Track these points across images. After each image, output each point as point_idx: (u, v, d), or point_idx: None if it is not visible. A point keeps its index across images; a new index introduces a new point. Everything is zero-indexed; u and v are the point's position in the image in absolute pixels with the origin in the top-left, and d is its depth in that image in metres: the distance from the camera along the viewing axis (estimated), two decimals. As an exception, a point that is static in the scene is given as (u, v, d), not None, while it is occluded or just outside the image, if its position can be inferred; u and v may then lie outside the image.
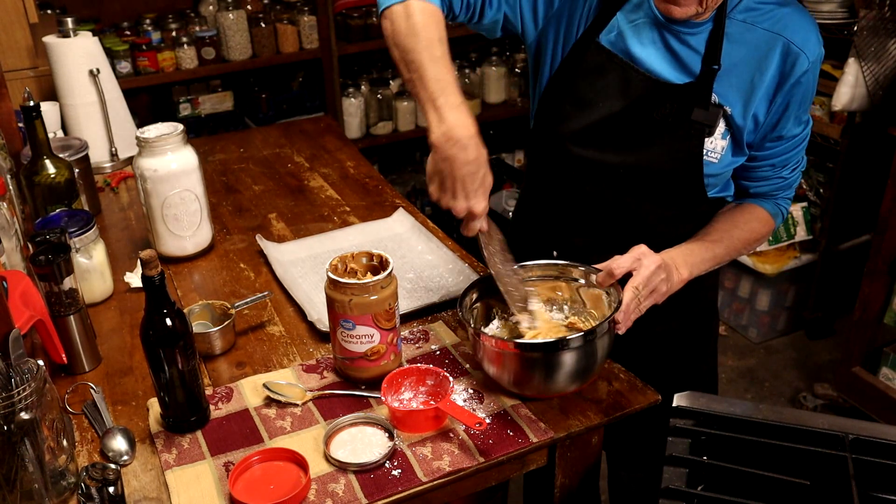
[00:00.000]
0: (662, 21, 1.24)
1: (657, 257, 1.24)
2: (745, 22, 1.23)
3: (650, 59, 1.26)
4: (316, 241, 1.72)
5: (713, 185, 1.33)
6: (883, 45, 2.50)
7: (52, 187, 1.62)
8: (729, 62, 1.23)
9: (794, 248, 3.01)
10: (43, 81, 2.36)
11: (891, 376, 2.54)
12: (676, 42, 1.25)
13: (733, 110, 1.26)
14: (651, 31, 1.26)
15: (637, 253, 1.24)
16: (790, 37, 1.22)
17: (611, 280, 1.23)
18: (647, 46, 1.26)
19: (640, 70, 1.26)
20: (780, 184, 1.38)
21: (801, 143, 1.34)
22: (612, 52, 1.28)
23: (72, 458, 1.08)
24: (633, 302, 1.20)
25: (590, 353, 1.18)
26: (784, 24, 1.23)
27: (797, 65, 1.23)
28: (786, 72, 1.23)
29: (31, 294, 1.22)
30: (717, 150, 1.28)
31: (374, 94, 3.53)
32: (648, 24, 1.26)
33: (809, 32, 1.24)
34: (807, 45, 1.23)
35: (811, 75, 1.25)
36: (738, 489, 0.99)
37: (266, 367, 1.33)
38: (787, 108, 1.27)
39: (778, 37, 1.22)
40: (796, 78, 1.24)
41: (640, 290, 1.21)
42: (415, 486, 1.08)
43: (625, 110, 1.28)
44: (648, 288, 1.22)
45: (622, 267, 1.22)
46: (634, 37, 1.27)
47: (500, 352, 1.17)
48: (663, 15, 1.22)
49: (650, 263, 1.22)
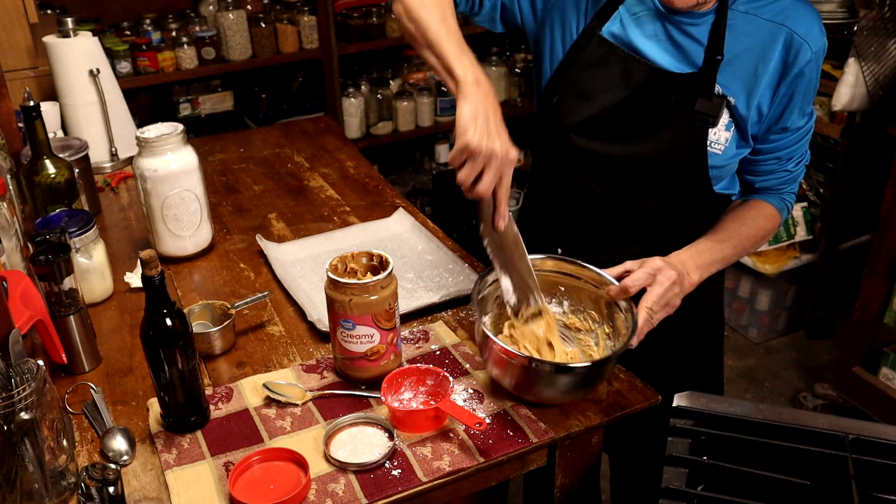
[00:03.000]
0: (664, 13, 1.24)
1: (672, 272, 1.22)
2: (748, 13, 1.23)
3: (653, 50, 1.26)
4: (316, 241, 1.72)
5: (718, 177, 1.32)
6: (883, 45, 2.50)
7: (52, 187, 1.62)
8: (732, 53, 1.23)
9: (794, 248, 3.01)
10: (43, 81, 2.36)
11: (891, 376, 2.54)
12: (679, 33, 1.25)
13: (737, 101, 1.26)
14: (654, 23, 1.26)
15: (652, 268, 1.22)
16: (793, 27, 1.22)
17: (624, 296, 1.22)
18: (649, 38, 1.27)
19: (643, 61, 1.26)
20: (786, 177, 1.38)
21: (805, 135, 1.34)
22: (615, 44, 1.28)
23: (72, 458, 1.08)
24: (647, 322, 1.20)
25: (597, 374, 1.18)
26: (787, 14, 1.23)
27: (800, 55, 1.23)
28: (789, 62, 1.23)
29: (31, 294, 1.22)
30: (720, 141, 1.28)
31: (374, 94, 3.53)
32: (651, 15, 1.26)
33: (812, 23, 1.24)
34: (810, 35, 1.23)
35: (814, 66, 1.25)
36: (738, 489, 0.99)
37: (266, 367, 1.33)
38: (792, 99, 1.27)
39: (781, 27, 1.22)
40: (799, 68, 1.24)
41: (654, 311, 1.20)
42: (415, 486, 1.08)
43: (627, 101, 1.28)
44: (661, 304, 1.21)
45: (637, 284, 1.21)
46: (637, 29, 1.27)
47: (507, 359, 1.16)
48: (664, 5, 1.23)
49: (665, 280, 1.21)
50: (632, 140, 1.30)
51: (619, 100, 1.29)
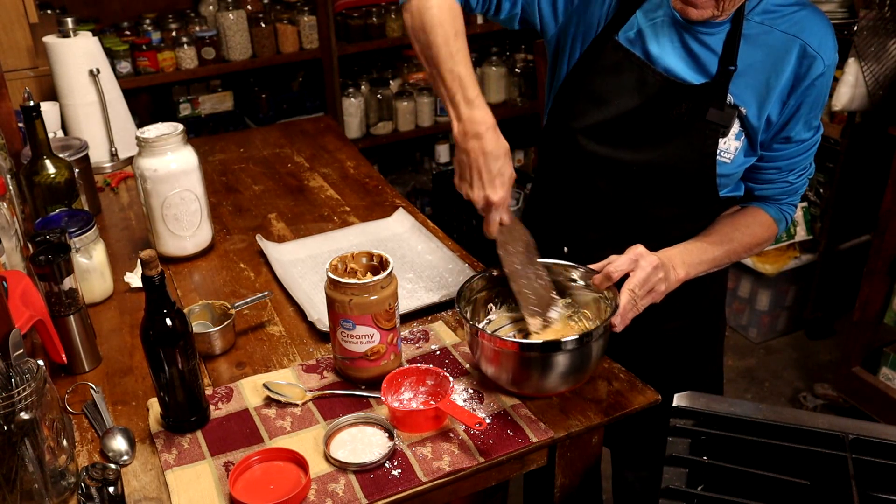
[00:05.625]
0: (681, 21, 1.24)
1: (654, 257, 1.23)
2: (763, 24, 1.23)
3: (667, 58, 1.26)
4: (316, 241, 1.72)
5: (725, 184, 1.33)
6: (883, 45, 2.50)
7: (52, 187, 1.62)
8: (745, 63, 1.23)
9: (794, 248, 3.01)
10: (43, 81, 2.36)
11: (891, 376, 2.54)
12: (694, 42, 1.25)
13: (748, 111, 1.26)
14: (670, 31, 1.26)
15: (634, 254, 1.24)
16: (807, 39, 1.22)
17: (608, 283, 1.23)
18: (664, 46, 1.27)
19: (657, 69, 1.27)
20: (786, 188, 1.37)
21: (809, 148, 1.33)
22: (630, 50, 1.28)
23: (72, 458, 1.08)
24: (630, 304, 1.20)
25: (585, 355, 1.18)
26: (802, 26, 1.22)
27: (813, 67, 1.23)
28: (801, 74, 1.23)
29: (31, 294, 1.22)
30: (730, 150, 1.28)
31: (374, 94, 3.53)
32: (668, 23, 1.26)
33: (826, 36, 1.23)
34: (823, 48, 1.23)
35: (825, 79, 1.25)
36: (738, 489, 0.99)
37: (266, 367, 1.33)
38: (798, 111, 1.27)
39: (795, 39, 1.22)
40: (811, 81, 1.24)
41: (636, 293, 1.21)
42: (415, 486, 1.08)
43: (639, 108, 1.28)
44: (645, 288, 1.22)
45: (619, 270, 1.22)
46: (653, 35, 1.27)
47: (497, 350, 1.17)
48: (681, 16, 1.23)
49: (647, 265, 1.22)
50: (641, 147, 1.30)
51: (632, 107, 1.29)
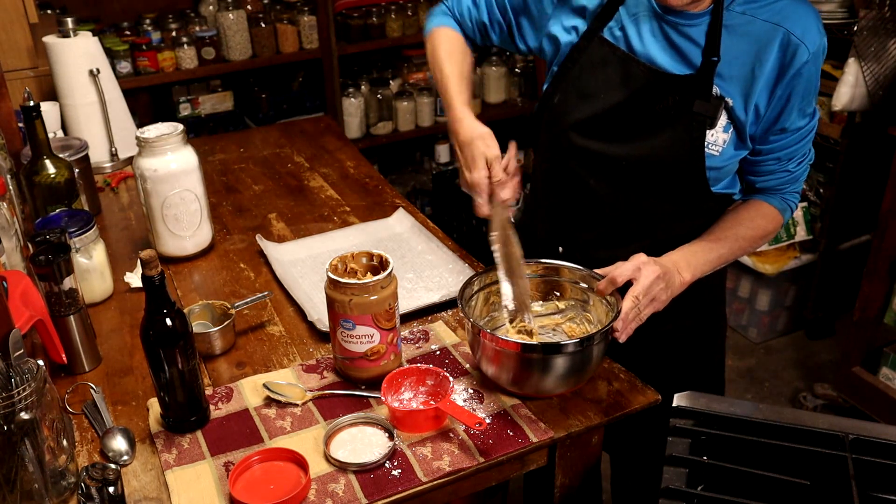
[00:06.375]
0: (661, 13, 1.25)
1: (656, 267, 1.24)
2: (745, 14, 1.23)
3: (651, 51, 1.27)
4: (316, 241, 1.72)
5: (716, 178, 1.33)
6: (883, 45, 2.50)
7: (52, 187, 1.62)
8: (729, 54, 1.23)
9: (794, 248, 3.01)
10: (43, 81, 2.36)
11: (891, 376, 2.54)
12: (676, 34, 1.26)
13: (734, 102, 1.26)
14: (651, 24, 1.27)
15: (637, 262, 1.24)
16: (790, 28, 1.22)
17: (612, 287, 1.24)
18: (647, 39, 1.27)
19: (641, 62, 1.27)
20: (787, 177, 1.37)
21: (806, 135, 1.33)
22: (615, 45, 1.29)
23: (72, 458, 1.08)
24: (633, 311, 1.20)
25: (586, 357, 1.18)
26: (784, 14, 1.22)
27: (797, 56, 1.22)
28: (786, 63, 1.23)
29: (31, 294, 1.22)
30: (718, 142, 1.28)
31: (374, 94, 3.53)
32: (648, 16, 1.27)
33: (809, 23, 1.23)
34: (807, 35, 1.22)
35: (812, 66, 1.25)
36: (738, 489, 0.99)
37: (266, 367, 1.33)
38: (789, 100, 1.27)
39: (777, 28, 1.22)
40: (796, 69, 1.23)
41: (640, 300, 1.21)
42: (415, 486, 1.08)
43: (626, 102, 1.29)
44: (648, 297, 1.22)
45: (624, 275, 1.22)
46: (635, 29, 1.28)
47: (499, 350, 1.17)
48: (660, 5, 1.23)
49: (650, 273, 1.22)
50: (630, 140, 1.31)
51: (619, 100, 1.30)
